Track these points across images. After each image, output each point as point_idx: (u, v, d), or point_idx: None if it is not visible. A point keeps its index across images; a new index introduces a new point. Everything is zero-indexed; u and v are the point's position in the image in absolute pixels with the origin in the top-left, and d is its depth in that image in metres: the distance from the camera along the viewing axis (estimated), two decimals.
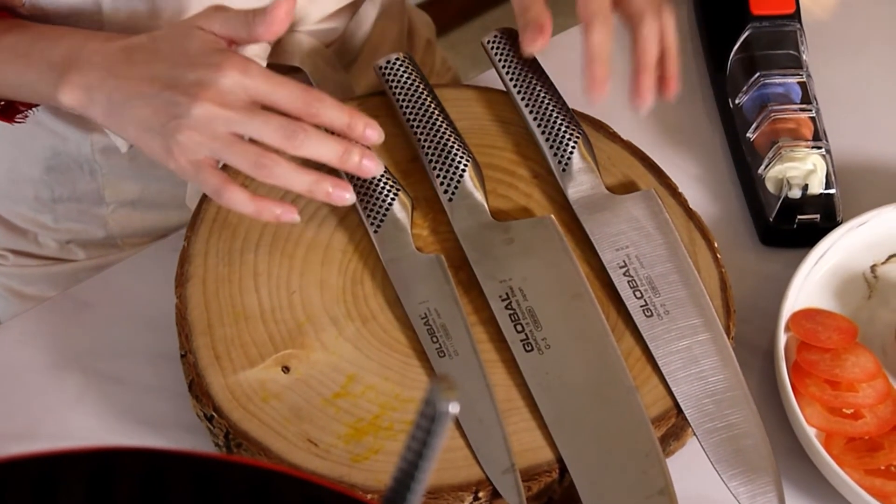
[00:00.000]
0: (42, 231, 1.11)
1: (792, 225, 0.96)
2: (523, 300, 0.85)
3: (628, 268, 0.88)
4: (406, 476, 0.45)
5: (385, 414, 0.81)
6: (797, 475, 0.85)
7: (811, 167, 0.95)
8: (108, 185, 1.07)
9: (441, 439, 0.44)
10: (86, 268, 1.10)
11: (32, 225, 1.11)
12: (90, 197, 1.08)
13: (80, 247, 1.11)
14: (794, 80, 1.00)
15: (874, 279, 0.94)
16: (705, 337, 0.85)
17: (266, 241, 0.88)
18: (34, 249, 1.12)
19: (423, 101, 0.94)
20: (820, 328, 0.89)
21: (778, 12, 1.04)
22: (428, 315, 0.85)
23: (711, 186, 1.00)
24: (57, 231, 1.11)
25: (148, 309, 0.91)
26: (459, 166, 0.90)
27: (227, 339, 0.84)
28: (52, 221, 1.10)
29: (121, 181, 1.07)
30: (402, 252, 0.87)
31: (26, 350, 0.90)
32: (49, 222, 1.10)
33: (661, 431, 0.82)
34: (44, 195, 1.08)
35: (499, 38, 0.97)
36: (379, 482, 0.78)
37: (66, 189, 1.08)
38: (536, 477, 0.79)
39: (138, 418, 0.86)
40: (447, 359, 0.83)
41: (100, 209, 1.08)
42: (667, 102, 0.90)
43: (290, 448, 0.79)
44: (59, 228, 1.10)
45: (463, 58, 2.00)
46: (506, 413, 0.82)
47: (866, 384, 0.86)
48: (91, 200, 1.08)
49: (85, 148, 1.05)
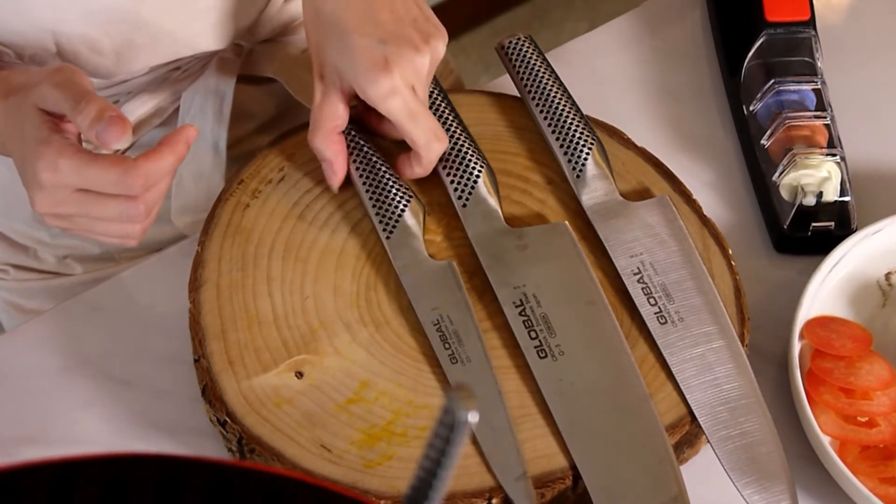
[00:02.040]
0: (40, 247, 1.11)
1: (806, 232, 0.95)
2: (537, 306, 0.85)
3: (642, 274, 0.88)
4: (424, 484, 0.45)
5: (398, 420, 0.81)
6: (811, 483, 0.85)
7: (826, 174, 0.95)
8: None
9: (459, 448, 0.44)
10: (83, 281, 1.10)
11: (31, 241, 1.11)
12: None
13: (78, 261, 1.11)
14: (809, 87, 1.00)
15: (889, 287, 0.93)
16: (719, 344, 0.85)
17: (280, 247, 0.88)
18: (34, 264, 1.12)
19: (437, 106, 0.94)
20: (834, 336, 0.88)
21: (793, 19, 1.03)
22: (440, 321, 0.85)
23: (725, 193, 1.00)
24: (55, 247, 1.11)
25: (161, 313, 0.91)
26: (473, 172, 0.90)
27: (241, 344, 0.83)
28: (49, 237, 1.10)
29: None
30: (414, 259, 0.87)
31: (38, 354, 0.90)
32: (46, 238, 1.11)
33: (675, 439, 0.82)
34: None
35: (513, 44, 0.97)
36: (392, 488, 0.78)
37: None
38: (550, 484, 0.79)
39: (150, 423, 0.86)
40: (459, 365, 0.83)
41: None
42: (682, 109, 0.90)
43: (303, 453, 0.79)
44: (56, 244, 1.11)
45: (473, 62, 1.99)
46: (519, 419, 0.81)
47: (881, 392, 0.86)
48: None
49: None
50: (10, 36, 0.91)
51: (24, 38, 0.91)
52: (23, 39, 0.91)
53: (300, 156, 0.93)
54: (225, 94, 1.01)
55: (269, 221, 0.90)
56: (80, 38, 0.91)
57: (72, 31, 0.91)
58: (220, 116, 1.02)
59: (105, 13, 0.91)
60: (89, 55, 0.93)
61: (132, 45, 0.94)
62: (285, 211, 0.90)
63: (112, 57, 0.94)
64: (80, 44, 0.92)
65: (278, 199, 0.91)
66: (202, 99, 1.01)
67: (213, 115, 1.02)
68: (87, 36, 0.92)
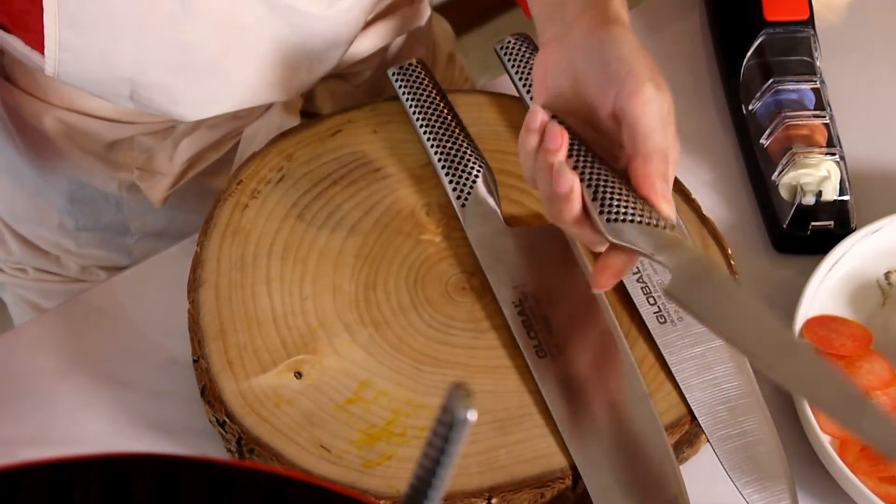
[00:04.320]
0: (64, 254, 1.11)
1: (805, 231, 0.95)
2: (536, 306, 0.85)
3: (641, 274, 0.88)
4: (423, 483, 0.45)
5: (397, 420, 0.81)
6: (811, 482, 0.85)
7: (825, 174, 0.95)
8: (133, 217, 1.07)
9: (459, 446, 0.44)
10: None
11: (55, 248, 1.11)
12: (115, 227, 1.08)
13: (103, 269, 1.11)
14: (808, 87, 1.00)
15: (888, 286, 0.93)
16: (719, 343, 0.85)
17: (279, 247, 0.88)
18: (55, 269, 1.12)
19: (436, 106, 0.94)
20: (834, 335, 0.88)
21: (791, 18, 1.03)
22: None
23: (725, 193, 1.00)
24: (80, 256, 1.11)
25: (160, 314, 0.91)
26: (472, 172, 0.90)
27: (240, 345, 0.83)
28: (75, 247, 1.10)
29: (147, 214, 1.07)
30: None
31: (38, 355, 0.90)
32: (72, 247, 1.10)
33: (674, 438, 0.82)
34: (68, 223, 1.08)
35: (512, 44, 0.97)
36: (391, 488, 0.78)
37: (90, 219, 1.08)
38: (549, 483, 0.79)
39: (150, 423, 0.86)
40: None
41: (124, 239, 1.08)
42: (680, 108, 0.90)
43: (303, 454, 0.79)
44: (81, 253, 1.10)
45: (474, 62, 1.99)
46: (519, 419, 0.81)
47: (881, 391, 0.86)
48: (115, 231, 1.08)
49: (111, 185, 1.05)
50: (83, 82, 0.90)
51: (98, 83, 0.90)
52: (97, 84, 0.91)
53: (299, 156, 0.93)
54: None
55: (267, 222, 0.90)
56: (158, 87, 0.91)
57: (150, 82, 0.90)
58: None
59: (186, 66, 0.90)
60: (164, 103, 0.92)
61: (209, 95, 0.93)
62: (284, 211, 0.90)
63: (188, 107, 0.93)
64: (157, 93, 0.91)
65: (277, 199, 0.91)
66: (265, 136, 1.01)
67: None
68: (165, 86, 0.91)
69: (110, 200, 1.06)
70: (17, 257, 1.13)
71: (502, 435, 0.81)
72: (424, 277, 0.88)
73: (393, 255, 0.89)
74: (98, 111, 1.01)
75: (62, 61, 0.87)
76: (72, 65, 0.87)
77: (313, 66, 0.97)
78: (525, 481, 0.79)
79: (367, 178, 0.93)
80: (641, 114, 0.75)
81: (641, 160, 0.75)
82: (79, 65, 0.87)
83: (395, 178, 0.93)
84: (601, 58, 0.77)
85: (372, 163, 0.94)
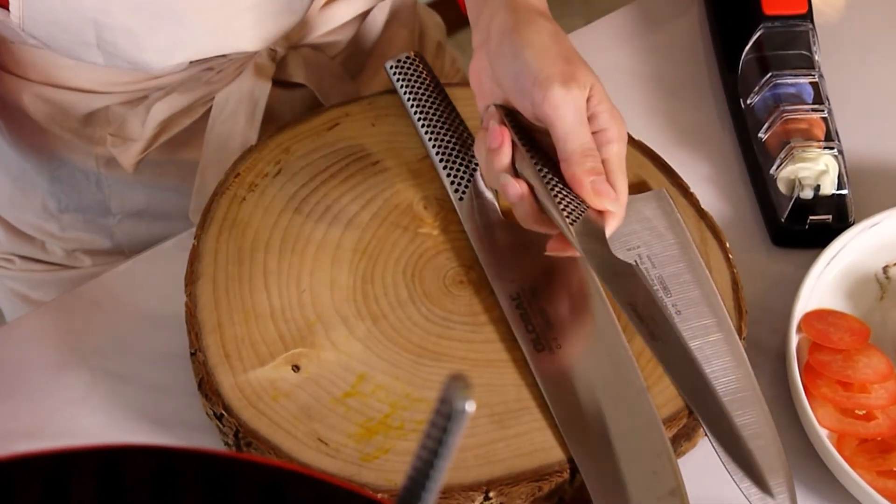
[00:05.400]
0: (49, 239, 1.11)
1: (804, 225, 0.95)
2: (534, 300, 0.85)
3: (640, 267, 0.87)
4: (421, 475, 0.45)
5: (395, 413, 0.81)
6: (809, 476, 0.85)
7: (823, 168, 0.95)
8: (113, 196, 1.07)
9: (457, 438, 0.44)
10: (92, 274, 1.09)
11: (39, 233, 1.11)
12: (96, 208, 1.08)
13: (87, 255, 1.11)
14: (806, 81, 1.00)
15: (886, 280, 0.93)
16: (717, 337, 0.85)
17: (276, 240, 0.88)
18: (41, 256, 1.12)
19: (434, 99, 0.93)
20: (832, 329, 0.88)
21: (790, 12, 1.03)
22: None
23: (723, 187, 1.00)
24: (63, 240, 1.11)
25: (157, 307, 0.91)
26: (470, 165, 0.90)
27: (237, 338, 0.83)
28: (59, 230, 1.10)
29: (127, 192, 1.07)
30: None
31: (34, 348, 0.90)
32: (55, 231, 1.10)
33: (672, 432, 0.82)
34: (51, 205, 1.08)
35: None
36: (389, 481, 0.78)
37: (72, 200, 1.08)
38: (547, 477, 0.79)
39: (147, 417, 0.86)
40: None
41: (106, 220, 1.08)
42: (679, 103, 0.90)
43: (300, 447, 0.79)
44: (65, 237, 1.10)
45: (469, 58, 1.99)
46: (516, 412, 0.81)
47: (878, 385, 0.86)
48: (97, 211, 1.08)
49: (90, 162, 1.04)
50: (48, 27, 0.90)
51: (63, 28, 0.90)
52: (61, 29, 0.90)
53: (296, 149, 0.93)
54: (259, 98, 1.01)
55: (265, 215, 0.89)
56: (122, 30, 0.91)
57: (114, 23, 0.90)
58: (252, 120, 1.02)
59: (149, 7, 0.90)
60: (129, 49, 0.92)
61: (173, 40, 0.93)
62: (282, 204, 0.90)
63: (152, 53, 0.93)
64: (121, 37, 0.91)
65: (275, 192, 0.91)
66: (236, 102, 1.01)
67: (246, 118, 1.01)
68: (129, 29, 0.91)
69: (90, 178, 1.06)
70: (4, 246, 1.13)
71: (500, 428, 0.81)
72: (422, 271, 0.88)
73: (391, 249, 0.89)
74: (73, 81, 1.01)
75: (26, 1, 0.86)
76: (35, 4, 0.87)
77: (280, 16, 0.96)
78: (523, 475, 0.79)
79: (364, 172, 0.92)
80: (555, 118, 0.78)
81: (566, 164, 0.79)
82: (42, 3, 0.87)
83: (392, 172, 0.93)
84: (512, 68, 0.81)
85: (370, 156, 0.93)
